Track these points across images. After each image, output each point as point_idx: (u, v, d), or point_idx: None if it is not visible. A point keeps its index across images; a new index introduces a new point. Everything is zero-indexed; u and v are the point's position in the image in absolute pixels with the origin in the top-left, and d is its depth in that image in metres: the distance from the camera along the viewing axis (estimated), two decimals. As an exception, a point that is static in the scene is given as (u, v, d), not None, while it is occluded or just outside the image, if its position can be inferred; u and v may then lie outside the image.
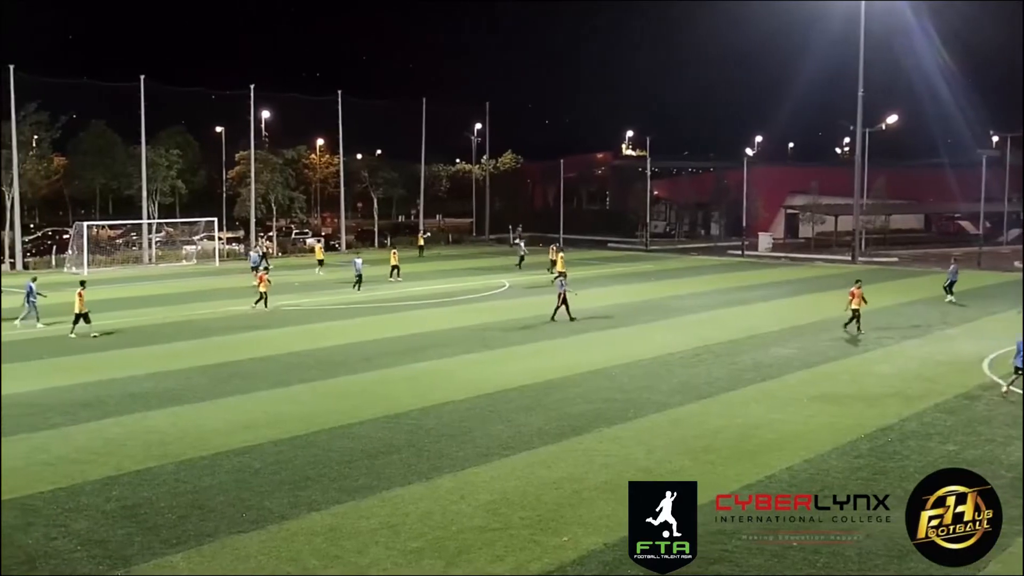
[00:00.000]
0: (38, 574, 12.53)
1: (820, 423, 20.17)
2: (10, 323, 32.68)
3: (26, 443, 18.62)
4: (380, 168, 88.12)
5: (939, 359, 27.69)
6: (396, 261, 51.63)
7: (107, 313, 37.25)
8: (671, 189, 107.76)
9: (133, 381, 24.60)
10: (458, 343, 30.47)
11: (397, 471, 16.79)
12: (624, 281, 49.89)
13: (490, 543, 13.52)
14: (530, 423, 20.12)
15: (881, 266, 62.70)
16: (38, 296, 34.46)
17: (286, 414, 21.00)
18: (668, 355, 28.12)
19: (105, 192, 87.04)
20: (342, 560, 12.94)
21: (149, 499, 15.34)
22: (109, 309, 38.59)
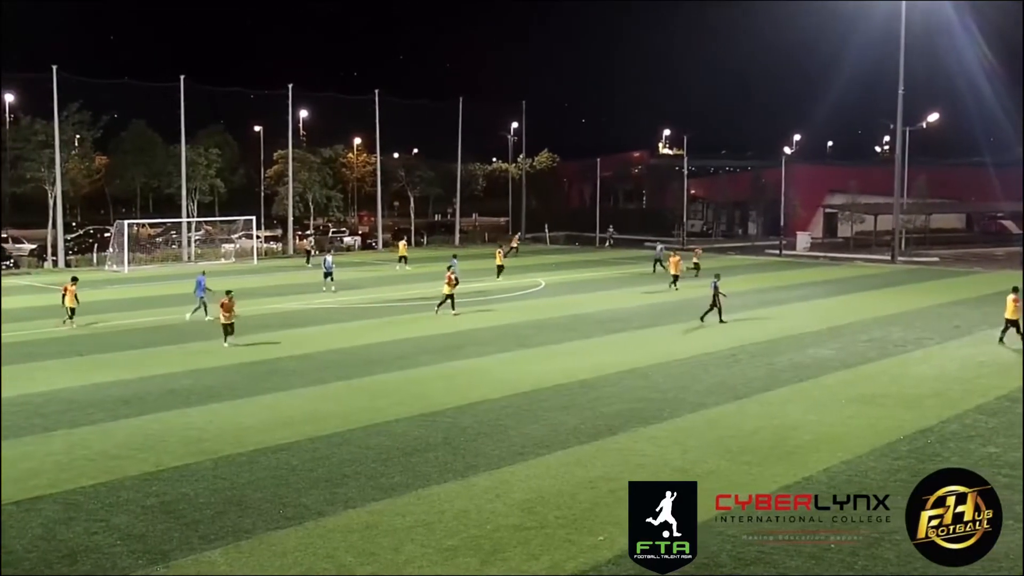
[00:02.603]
0: (79, 568, 12.69)
1: (858, 424, 19.98)
2: (112, 317, 33.11)
3: (67, 439, 18.88)
4: (417, 167, 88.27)
5: (980, 360, 27.34)
6: (501, 260, 51.51)
7: (147, 310, 37.77)
8: (708, 188, 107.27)
9: (172, 378, 24.86)
10: (494, 342, 30.50)
11: (433, 469, 16.84)
12: (660, 280, 49.69)
13: (525, 542, 13.53)
14: (566, 422, 20.11)
15: (921, 266, 62.04)
16: (206, 291, 35.51)
17: (323, 411, 21.12)
18: (704, 355, 27.98)
19: (145, 191, 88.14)
20: (378, 557, 12.99)
21: (188, 495, 15.49)
22: (149, 306, 39.09)
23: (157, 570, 12.60)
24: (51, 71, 60.11)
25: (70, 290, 33.32)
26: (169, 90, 67.52)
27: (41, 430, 19.49)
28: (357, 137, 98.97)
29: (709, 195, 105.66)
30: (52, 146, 61.01)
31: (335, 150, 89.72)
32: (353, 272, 54.59)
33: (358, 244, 77.85)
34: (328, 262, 46.33)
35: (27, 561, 12.86)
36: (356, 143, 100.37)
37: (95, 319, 33.96)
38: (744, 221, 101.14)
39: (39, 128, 61.84)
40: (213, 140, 79.20)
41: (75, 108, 63.03)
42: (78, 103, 63.23)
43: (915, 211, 77.54)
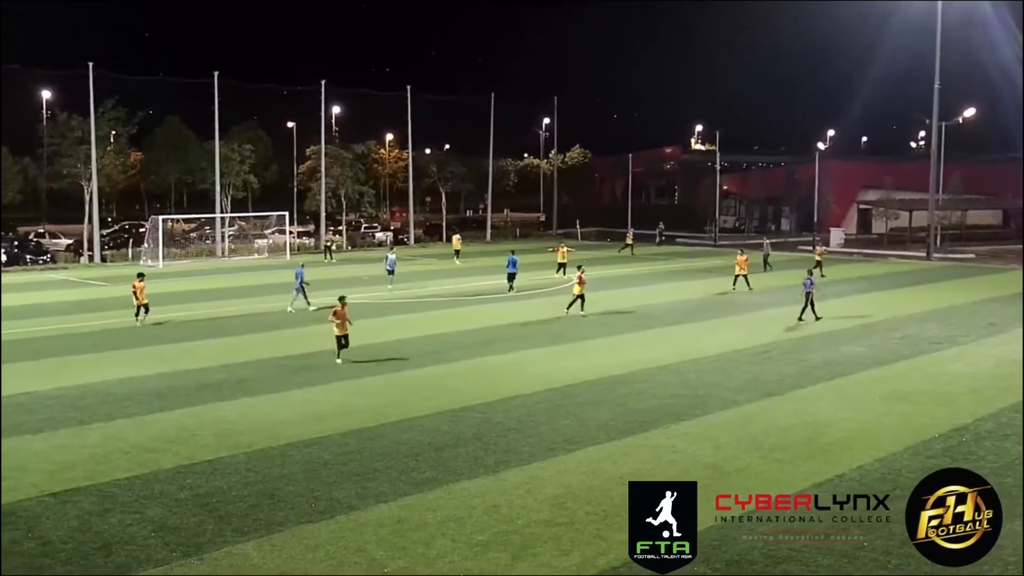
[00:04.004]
0: (114, 559, 12.82)
1: (892, 422, 19.81)
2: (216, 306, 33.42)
3: (103, 431, 19.08)
4: (448, 163, 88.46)
5: (1016, 358, 26.96)
6: (564, 259, 49.06)
7: (181, 305, 38.04)
8: (741, 184, 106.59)
9: (205, 372, 25.05)
10: (526, 337, 30.48)
11: (464, 464, 16.87)
12: (692, 277, 49.50)
13: (556, 537, 13.52)
14: (597, 418, 20.07)
15: (957, 263, 61.41)
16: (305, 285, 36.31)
17: (355, 406, 21.21)
18: (736, 352, 27.83)
19: (180, 186, 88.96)
20: (408, 552, 13.03)
21: (221, 488, 15.62)
22: (183, 301, 39.38)
23: (191, 562, 12.71)
24: (87, 68, 60.76)
25: (138, 287, 32.90)
26: (203, 87, 68.00)
27: (77, 423, 19.72)
28: (389, 133, 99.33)
29: (741, 191, 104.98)
30: (88, 142, 61.62)
31: (367, 146, 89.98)
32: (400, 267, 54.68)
33: (390, 240, 78.10)
34: (391, 260, 45.61)
35: (63, 552, 13.02)
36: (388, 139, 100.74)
37: (130, 313, 34.24)
38: (777, 217, 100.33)
39: (76, 124, 62.50)
40: (246, 136, 79.63)
41: (111, 105, 63.56)
42: (114, 100, 63.80)
43: (950, 207, 76.73)
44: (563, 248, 50.30)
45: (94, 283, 47.88)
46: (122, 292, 35.62)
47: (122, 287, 36.10)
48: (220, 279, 49.63)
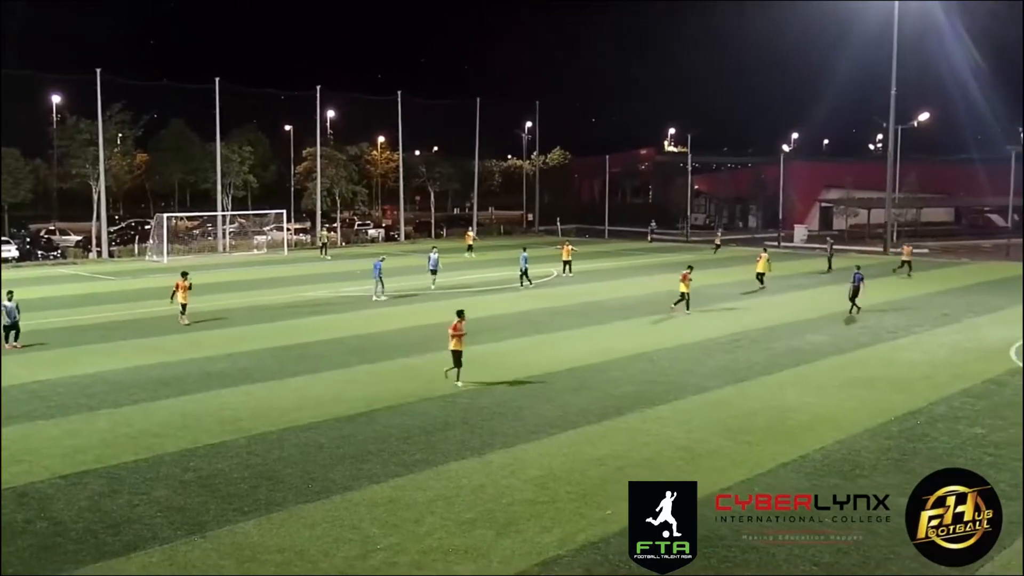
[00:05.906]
0: (123, 537, 12.78)
1: (852, 406, 19.93)
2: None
3: (111, 417, 19.01)
4: (437, 164, 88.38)
5: (967, 346, 27.21)
6: (568, 256, 47.90)
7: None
8: (711, 183, 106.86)
9: (209, 361, 24.96)
10: (510, 328, 30.47)
11: (452, 447, 16.88)
12: (666, 270, 49.54)
13: (538, 515, 13.56)
14: (576, 403, 20.11)
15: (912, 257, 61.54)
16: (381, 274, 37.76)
17: (349, 393, 21.18)
18: (707, 340, 27.91)
19: (183, 186, 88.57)
20: (400, 529, 13.05)
21: (223, 470, 15.59)
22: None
23: (195, 540, 12.69)
24: (96, 74, 60.32)
25: (182, 286, 31.38)
26: (205, 91, 67.58)
27: (87, 409, 19.64)
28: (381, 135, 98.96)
29: (712, 190, 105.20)
30: (96, 144, 61.29)
31: (360, 147, 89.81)
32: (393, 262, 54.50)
33: (382, 236, 77.97)
34: (433, 259, 42.83)
35: (74, 531, 12.98)
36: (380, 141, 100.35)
37: (136, 306, 34.07)
38: (745, 215, 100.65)
39: (84, 127, 62.09)
40: (246, 138, 79.23)
41: (118, 108, 63.19)
42: (121, 103, 63.42)
43: (906, 205, 77.17)
44: (568, 246, 50.13)
45: (102, 277, 47.56)
46: (129, 286, 35.52)
47: (129, 281, 35.91)
48: (222, 273, 49.41)
